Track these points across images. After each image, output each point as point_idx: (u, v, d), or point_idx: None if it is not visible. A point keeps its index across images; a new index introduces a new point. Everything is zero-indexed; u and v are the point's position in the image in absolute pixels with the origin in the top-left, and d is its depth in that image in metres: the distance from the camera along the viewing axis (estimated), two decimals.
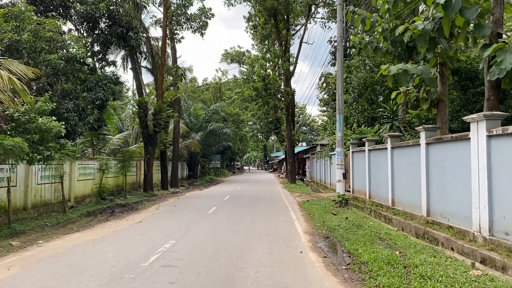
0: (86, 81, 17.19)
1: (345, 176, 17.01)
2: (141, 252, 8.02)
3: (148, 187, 22.48)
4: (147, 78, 33.31)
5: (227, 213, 14.16)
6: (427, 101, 12.96)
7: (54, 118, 11.22)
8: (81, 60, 15.44)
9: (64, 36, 13.83)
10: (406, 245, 8.31)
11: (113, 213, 14.72)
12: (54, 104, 11.97)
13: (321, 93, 60.27)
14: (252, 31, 37.36)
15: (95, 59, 18.37)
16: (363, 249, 7.82)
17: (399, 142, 13.29)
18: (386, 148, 13.88)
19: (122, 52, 33.41)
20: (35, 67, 12.57)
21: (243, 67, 47.16)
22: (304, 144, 60.04)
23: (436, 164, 10.00)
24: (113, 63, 18.73)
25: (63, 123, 11.57)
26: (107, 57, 19.39)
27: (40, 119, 10.76)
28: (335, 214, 13.21)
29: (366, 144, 16.32)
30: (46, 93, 12.11)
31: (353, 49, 27.82)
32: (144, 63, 27.59)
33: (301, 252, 8.11)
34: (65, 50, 14.07)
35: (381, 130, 17.01)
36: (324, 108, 59.52)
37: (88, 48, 16.74)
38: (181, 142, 34.09)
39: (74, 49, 14.49)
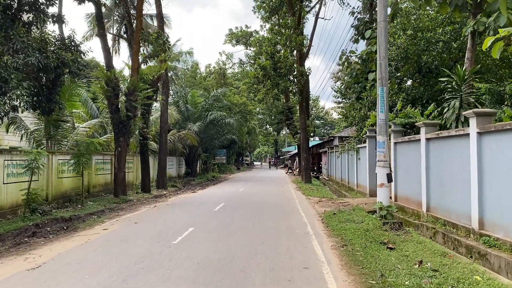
0: (13, 39, 11.91)
1: (391, 177, 11.40)
2: None
3: (120, 190, 17.07)
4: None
5: (204, 244, 8.42)
6: None
7: None
8: None
9: None
10: None
11: (33, 237, 9.40)
12: None
13: (335, 82, 54.63)
14: (258, 3, 31.62)
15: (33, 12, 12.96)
16: None
17: (497, 124, 7.80)
18: (467, 135, 8.72)
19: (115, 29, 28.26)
20: None
21: (250, 49, 41.41)
22: (317, 139, 54.76)
23: None
24: (59, 17, 13.25)
25: None
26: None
27: None
28: (391, 248, 7.51)
29: (423, 130, 11.28)
30: None
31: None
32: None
33: None
34: None
35: (446, 109, 11.36)
36: (340, 100, 53.80)
37: None
38: (174, 134, 28.70)
39: None
